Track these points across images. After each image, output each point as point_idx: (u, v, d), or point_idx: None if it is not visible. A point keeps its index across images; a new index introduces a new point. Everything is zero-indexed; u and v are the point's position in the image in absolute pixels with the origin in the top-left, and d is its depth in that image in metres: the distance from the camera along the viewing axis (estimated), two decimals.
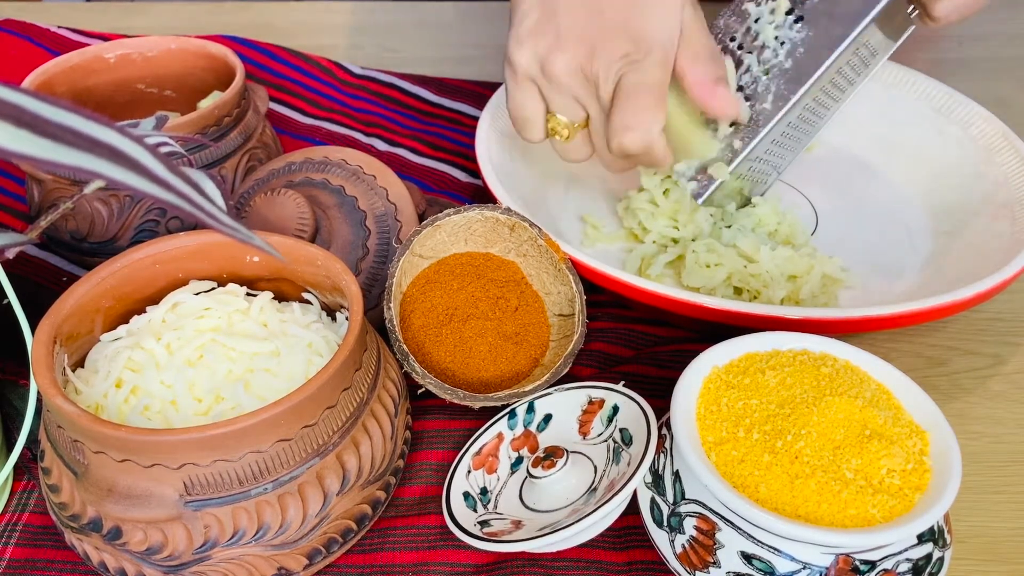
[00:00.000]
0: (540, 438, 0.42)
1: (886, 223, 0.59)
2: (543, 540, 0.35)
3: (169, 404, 0.36)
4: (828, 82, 0.50)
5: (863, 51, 0.51)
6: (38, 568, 0.39)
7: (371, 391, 0.38)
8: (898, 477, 0.33)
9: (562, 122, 0.47)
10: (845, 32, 0.48)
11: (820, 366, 0.37)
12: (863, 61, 0.52)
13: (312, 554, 0.36)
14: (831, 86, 0.51)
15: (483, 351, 0.46)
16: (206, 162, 0.52)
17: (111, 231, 0.50)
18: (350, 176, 0.50)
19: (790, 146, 0.55)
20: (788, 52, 0.50)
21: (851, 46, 0.49)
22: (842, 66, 0.50)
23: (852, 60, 0.51)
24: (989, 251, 0.51)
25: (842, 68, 0.50)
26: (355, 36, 0.85)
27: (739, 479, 0.33)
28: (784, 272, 0.50)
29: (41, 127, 0.21)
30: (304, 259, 0.41)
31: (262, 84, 0.72)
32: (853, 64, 0.51)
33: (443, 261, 0.49)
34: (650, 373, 0.47)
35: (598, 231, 0.57)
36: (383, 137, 0.69)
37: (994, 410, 0.47)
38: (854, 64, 0.51)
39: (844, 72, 0.51)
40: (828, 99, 0.53)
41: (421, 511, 0.41)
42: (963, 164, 0.59)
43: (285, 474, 0.34)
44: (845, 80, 0.53)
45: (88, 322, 0.39)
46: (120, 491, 0.32)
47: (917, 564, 0.33)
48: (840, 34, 0.48)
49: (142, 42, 0.58)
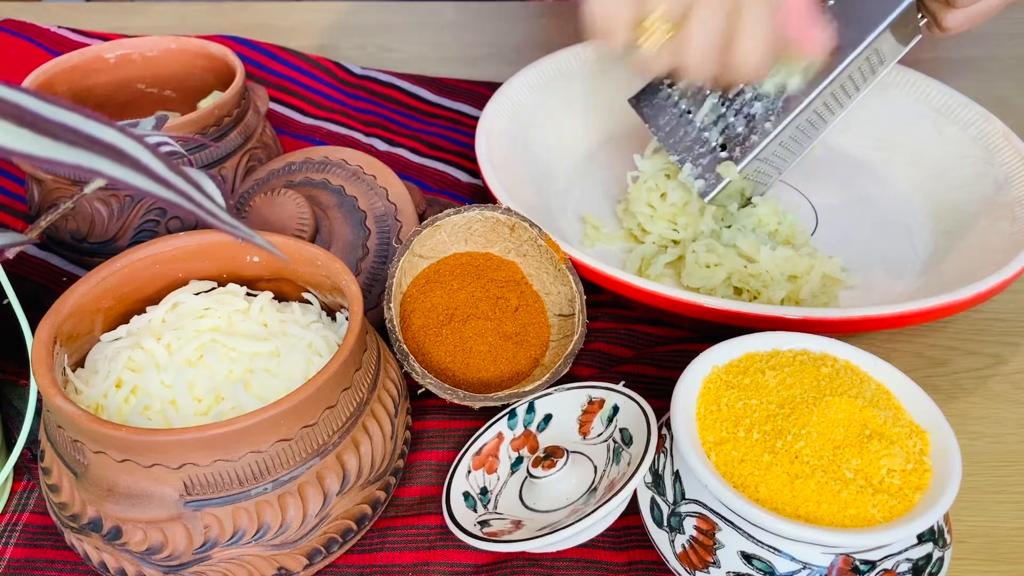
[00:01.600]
0: (540, 438, 0.42)
1: (886, 223, 0.59)
2: (543, 540, 0.35)
3: (169, 404, 0.36)
4: (838, 86, 0.51)
5: (873, 57, 0.51)
6: (38, 568, 0.39)
7: (371, 391, 0.38)
8: (898, 477, 0.33)
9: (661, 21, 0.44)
10: (859, 37, 0.48)
11: (820, 366, 0.37)
12: (872, 67, 0.52)
13: (312, 554, 0.36)
14: (840, 90, 0.52)
15: (483, 351, 0.46)
16: (206, 162, 0.52)
17: (111, 231, 0.50)
18: (350, 176, 0.50)
19: (794, 148, 0.55)
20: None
21: (864, 52, 0.49)
22: (852, 71, 0.50)
23: (863, 65, 0.51)
24: (989, 251, 0.50)
25: (852, 73, 0.50)
26: (355, 36, 0.85)
27: (739, 479, 0.33)
28: (784, 272, 0.50)
29: (41, 126, 0.21)
30: (304, 259, 0.41)
31: (262, 84, 0.72)
32: (863, 69, 0.51)
33: (443, 261, 0.49)
34: (650, 373, 0.47)
35: (598, 231, 0.57)
36: (383, 137, 0.69)
37: (994, 410, 0.47)
38: (864, 70, 0.52)
39: (854, 77, 0.51)
40: (835, 103, 0.53)
41: (421, 511, 0.41)
42: (963, 164, 0.59)
43: (285, 474, 0.34)
44: (853, 85, 0.53)
45: (88, 322, 0.39)
46: (120, 491, 0.32)
47: (917, 564, 0.33)
48: (854, 39, 0.48)
49: (142, 42, 0.58)
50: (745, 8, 0.43)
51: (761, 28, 0.43)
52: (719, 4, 0.43)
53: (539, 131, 0.63)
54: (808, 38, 0.44)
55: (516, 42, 0.84)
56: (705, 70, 0.45)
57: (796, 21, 0.44)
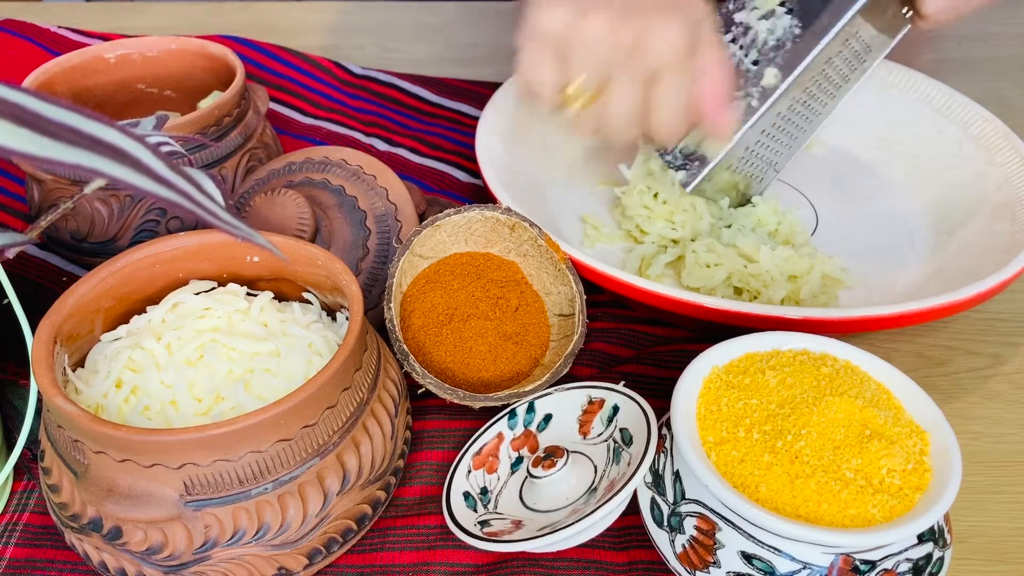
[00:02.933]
0: (540, 438, 0.42)
1: (886, 223, 0.59)
2: (543, 540, 0.35)
3: (169, 404, 0.36)
4: (819, 73, 0.51)
5: (854, 43, 0.51)
6: (38, 568, 0.39)
7: (371, 391, 0.38)
8: (898, 477, 0.33)
9: (581, 88, 0.46)
10: (832, 21, 0.49)
11: (820, 366, 0.37)
12: (856, 55, 0.52)
13: (312, 554, 0.36)
14: (822, 78, 0.52)
15: (483, 351, 0.46)
16: (206, 162, 0.52)
17: (111, 231, 0.50)
18: (350, 176, 0.50)
19: (784, 141, 0.54)
20: (777, 44, 0.50)
21: (840, 35, 0.49)
22: (832, 56, 0.50)
23: (843, 52, 0.51)
24: (989, 251, 0.51)
25: (832, 59, 0.51)
26: (355, 36, 0.85)
27: (739, 479, 0.33)
28: (784, 272, 0.50)
29: (42, 126, 0.21)
30: (304, 259, 0.41)
31: (262, 84, 0.72)
32: (845, 57, 0.52)
33: (443, 261, 0.49)
34: (650, 373, 0.47)
35: (598, 231, 0.57)
36: (383, 137, 0.69)
37: (994, 410, 0.47)
38: (846, 57, 0.52)
39: (835, 64, 0.51)
40: (821, 93, 0.53)
41: (421, 511, 0.41)
42: (963, 164, 0.59)
43: (285, 474, 0.34)
44: (837, 74, 0.53)
45: (88, 322, 0.39)
46: (120, 491, 0.32)
47: (917, 564, 0.33)
48: (828, 23, 0.49)
49: (142, 42, 0.58)
50: (661, 80, 0.44)
51: (675, 99, 0.45)
52: (636, 74, 0.44)
53: (539, 131, 0.63)
54: (718, 117, 0.46)
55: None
56: (624, 135, 0.47)
57: (709, 99, 0.46)
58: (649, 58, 0.44)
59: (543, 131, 0.63)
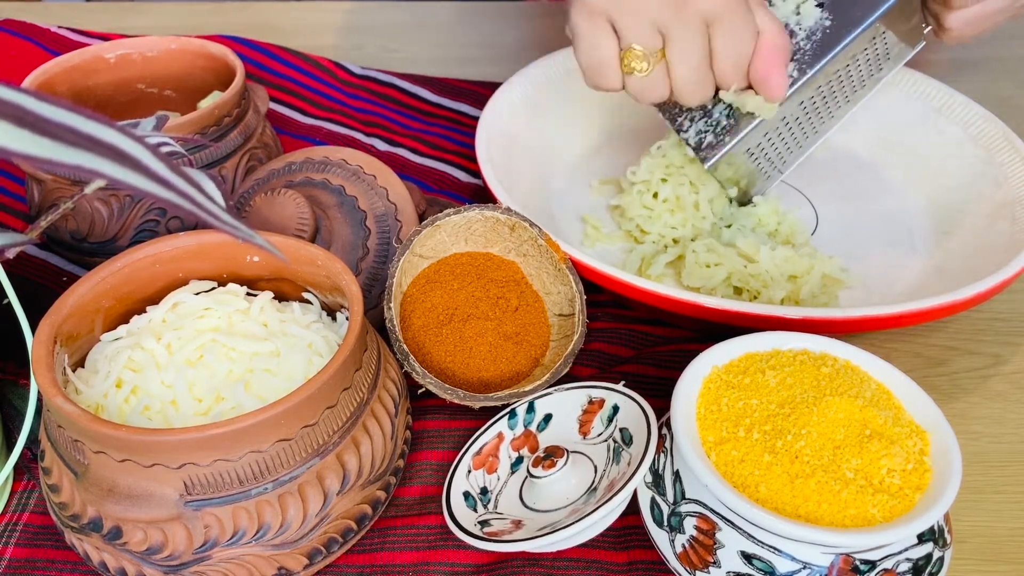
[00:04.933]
0: (540, 438, 0.42)
1: (886, 223, 0.59)
2: (543, 540, 0.35)
3: (169, 404, 0.36)
4: (842, 68, 0.51)
5: (879, 45, 0.51)
6: (38, 568, 0.39)
7: (371, 391, 0.38)
8: (898, 477, 0.33)
9: (640, 54, 0.45)
10: (864, 15, 0.49)
11: (820, 366, 0.37)
12: (876, 59, 0.52)
13: (312, 554, 0.36)
14: (844, 75, 0.52)
15: (483, 351, 0.46)
16: (206, 162, 0.52)
17: (111, 231, 0.50)
18: (350, 176, 0.50)
19: (795, 139, 0.54)
20: (806, 36, 0.50)
21: (868, 32, 0.49)
22: (857, 54, 0.51)
23: (868, 51, 0.51)
24: (989, 251, 0.51)
25: (857, 56, 0.51)
26: (355, 36, 0.85)
27: (739, 479, 0.33)
28: (784, 272, 0.51)
29: (42, 126, 0.21)
30: (304, 259, 0.41)
31: (262, 84, 0.72)
32: (868, 57, 0.52)
33: (443, 261, 0.49)
34: (650, 373, 0.47)
35: (598, 231, 0.57)
36: (383, 137, 0.69)
37: (994, 410, 0.47)
38: (868, 58, 0.52)
39: (858, 64, 0.52)
40: (838, 93, 0.53)
41: (421, 511, 0.41)
42: (963, 164, 0.59)
43: (285, 474, 0.34)
44: (856, 75, 0.53)
45: (88, 322, 0.39)
46: (120, 491, 0.32)
47: (917, 564, 0.33)
48: (859, 16, 0.49)
49: (142, 42, 0.58)
50: (721, 23, 0.44)
51: (739, 41, 0.45)
52: (691, 24, 0.44)
53: (539, 131, 0.63)
54: (774, 72, 0.46)
55: (516, 42, 0.84)
56: (695, 91, 0.47)
57: (767, 54, 0.46)
58: (700, 5, 0.43)
59: (543, 131, 0.63)
